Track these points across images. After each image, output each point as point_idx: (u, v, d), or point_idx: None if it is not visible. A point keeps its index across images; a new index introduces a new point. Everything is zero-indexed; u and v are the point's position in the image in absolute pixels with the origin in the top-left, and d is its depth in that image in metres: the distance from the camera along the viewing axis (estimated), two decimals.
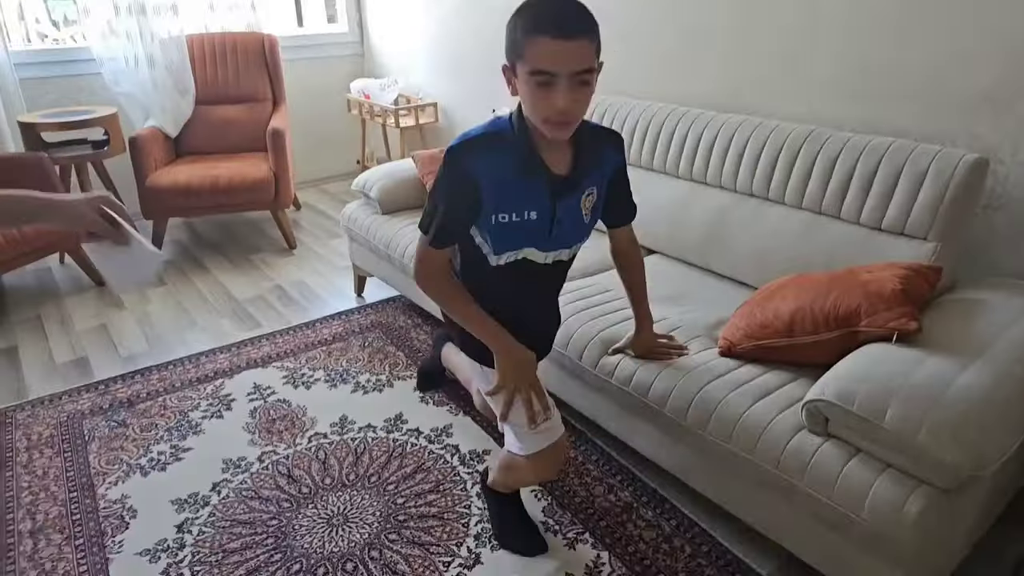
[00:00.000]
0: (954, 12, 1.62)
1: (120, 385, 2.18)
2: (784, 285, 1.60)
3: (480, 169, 1.16)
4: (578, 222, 1.27)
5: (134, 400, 2.11)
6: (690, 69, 2.25)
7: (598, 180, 1.28)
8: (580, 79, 1.06)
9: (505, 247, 1.25)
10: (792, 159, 1.80)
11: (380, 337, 2.45)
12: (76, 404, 2.09)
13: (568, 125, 1.12)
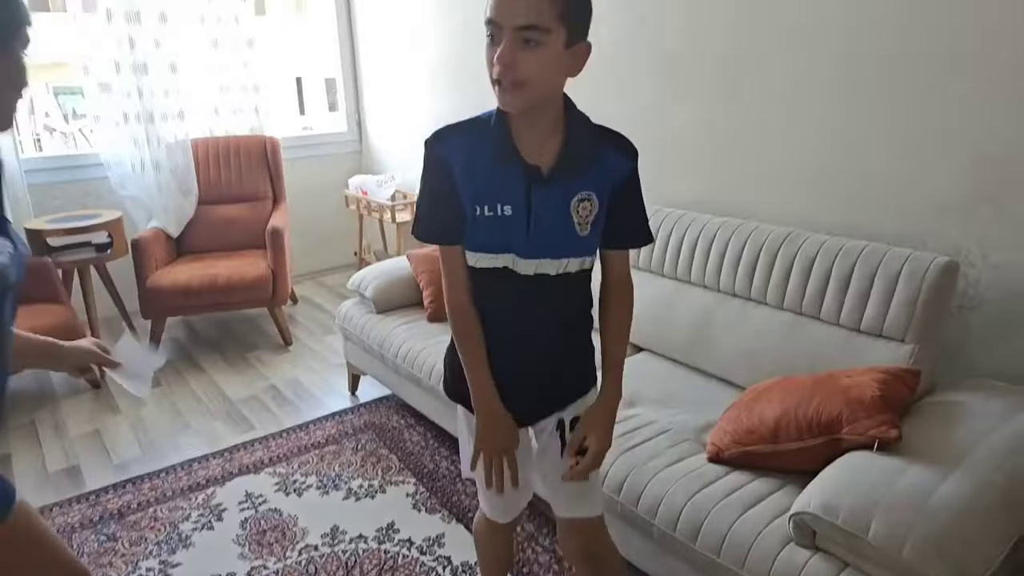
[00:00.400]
0: (918, 120, 1.74)
1: (111, 495, 2.19)
2: (769, 388, 1.64)
3: (453, 154, 1.10)
4: (567, 230, 1.11)
5: (124, 511, 2.11)
6: (670, 169, 2.38)
7: (597, 186, 1.11)
8: (525, 36, 0.97)
9: (480, 244, 1.12)
10: (771, 260, 1.89)
11: (373, 439, 2.47)
12: (67, 517, 2.09)
13: (514, 90, 1.00)
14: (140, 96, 3.41)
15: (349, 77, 4.30)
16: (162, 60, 3.44)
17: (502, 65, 0.98)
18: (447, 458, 2.33)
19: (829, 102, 1.91)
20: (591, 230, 1.12)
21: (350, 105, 4.35)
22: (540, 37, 0.97)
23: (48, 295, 2.82)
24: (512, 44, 0.97)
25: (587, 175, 1.10)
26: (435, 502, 2.09)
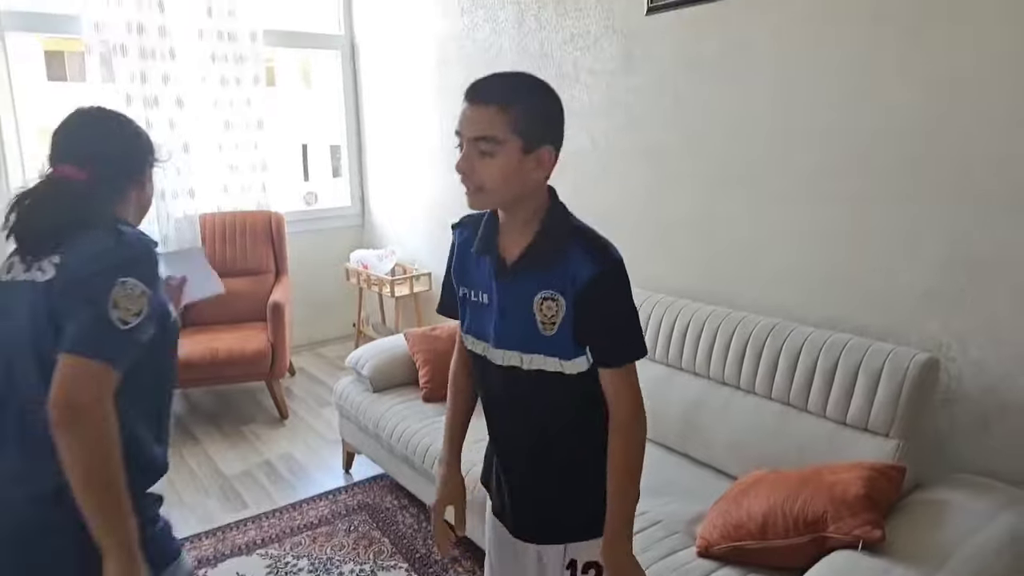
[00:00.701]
0: (897, 219, 1.83)
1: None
2: (758, 481, 1.66)
3: (458, 238, 1.24)
4: (530, 326, 1.11)
5: None
6: (665, 256, 2.46)
7: (561, 286, 1.10)
8: (480, 146, 1.05)
9: (467, 326, 1.21)
10: (759, 351, 1.93)
11: (366, 521, 2.46)
12: None
13: (476, 193, 1.09)
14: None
15: (354, 152, 4.49)
16: (176, 141, 3.62)
17: (460, 172, 1.09)
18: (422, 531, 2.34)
19: (814, 200, 2.00)
20: (558, 331, 1.10)
21: (353, 179, 4.52)
22: (493, 148, 1.05)
23: None
24: (470, 153, 1.07)
25: (551, 274, 1.10)
26: None
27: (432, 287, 3.88)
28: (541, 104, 1.10)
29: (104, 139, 1.18)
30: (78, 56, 11.05)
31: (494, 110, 1.05)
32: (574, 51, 2.70)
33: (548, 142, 1.09)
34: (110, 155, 1.17)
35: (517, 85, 1.09)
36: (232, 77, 3.76)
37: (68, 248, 1.08)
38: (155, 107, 3.56)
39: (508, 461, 1.25)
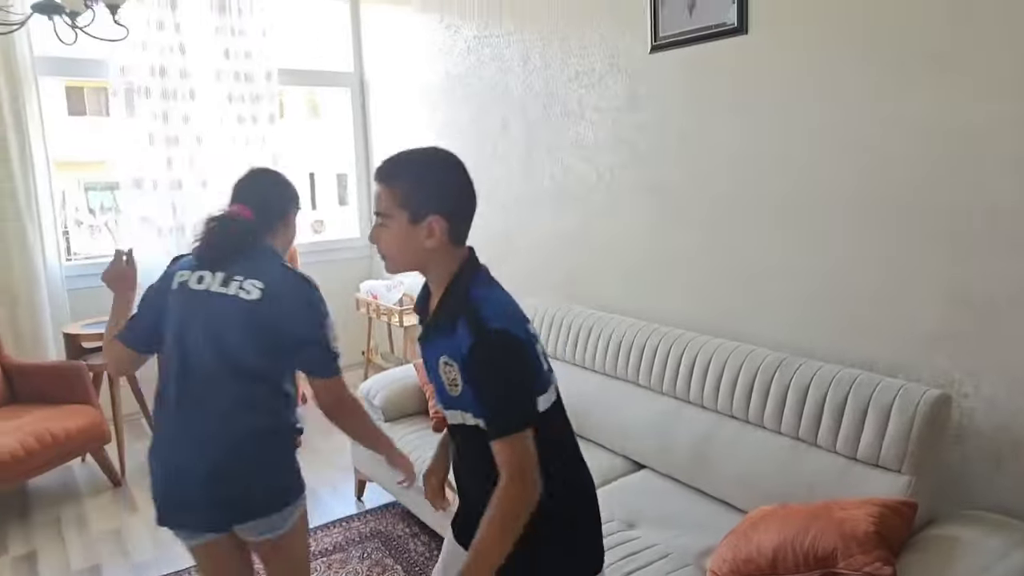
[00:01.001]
0: (906, 255, 1.82)
1: None
2: (767, 516, 1.65)
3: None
4: (442, 385, 1.18)
5: None
6: (670, 288, 2.49)
7: (452, 351, 1.14)
8: (379, 220, 1.20)
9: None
10: (767, 385, 1.93)
11: (379, 548, 2.51)
12: None
13: (384, 261, 1.23)
14: (174, 211, 3.74)
15: (363, 185, 4.64)
16: (196, 177, 3.78)
17: (371, 241, 1.24)
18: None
19: (820, 236, 2.01)
20: (462, 392, 1.15)
21: (363, 210, 4.71)
22: (386, 220, 1.19)
23: (80, 397, 3.00)
24: (376, 225, 1.22)
25: (449, 340, 1.15)
26: None
27: None
28: (427, 179, 1.19)
29: (265, 189, 1.62)
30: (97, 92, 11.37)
31: (384, 188, 1.19)
32: (579, 88, 2.76)
33: (435, 212, 1.17)
34: (268, 201, 1.60)
35: (405, 163, 1.20)
36: (248, 115, 3.90)
37: (257, 273, 1.48)
38: (176, 146, 3.71)
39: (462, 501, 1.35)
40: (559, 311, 2.75)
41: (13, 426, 2.78)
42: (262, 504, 1.47)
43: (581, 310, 2.68)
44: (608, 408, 2.39)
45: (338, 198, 13.28)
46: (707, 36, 2.22)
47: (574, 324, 2.64)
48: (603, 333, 2.50)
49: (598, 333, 2.52)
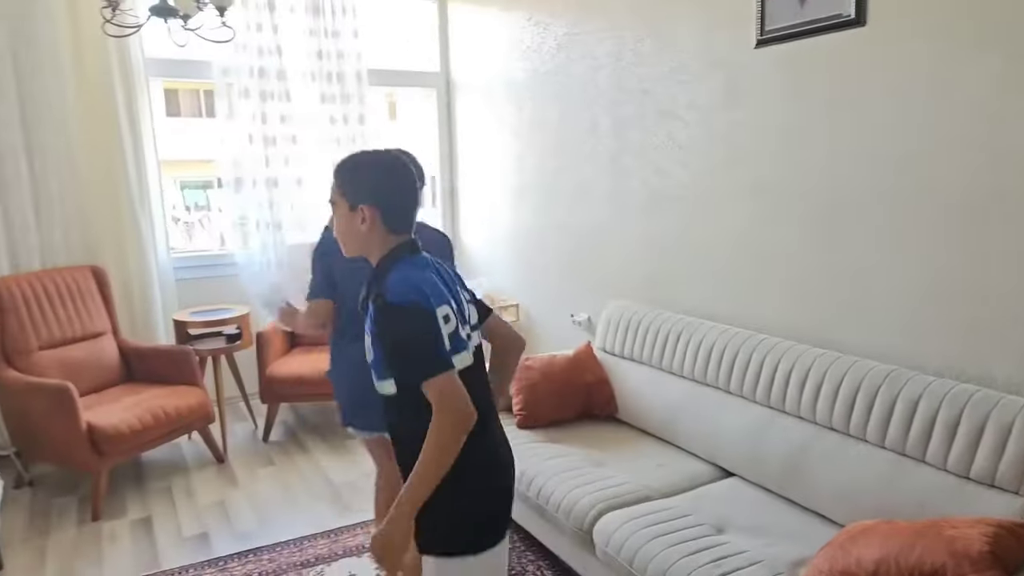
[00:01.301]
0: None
1: (236, 563, 2.48)
2: (869, 529, 1.62)
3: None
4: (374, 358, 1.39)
5: None
6: (766, 294, 2.46)
7: (370, 325, 1.37)
8: (332, 206, 1.43)
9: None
10: (872, 398, 1.89)
11: None
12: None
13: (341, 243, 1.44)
14: (271, 207, 3.99)
15: (447, 185, 4.85)
16: (291, 176, 4.04)
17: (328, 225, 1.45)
18: (533, 562, 2.47)
19: (934, 243, 1.93)
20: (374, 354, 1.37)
21: (446, 211, 4.89)
22: (334, 207, 1.42)
23: (187, 379, 3.29)
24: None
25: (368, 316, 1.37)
26: None
27: (519, 318, 4.17)
28: (363, 174, 1.40)
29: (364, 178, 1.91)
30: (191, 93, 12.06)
31: (334, 179, 1.43)
32: (674, 86, 2.75)
33: (367, 202, 1.37)
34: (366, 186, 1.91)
35: (352, 161, 1.43)
36: (340, 115, 4.08)
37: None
38: (273, 145, 3.96)
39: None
40: (645, 315, 2.78)
41: (132, 402, 3.07)
42: None
43: (669, 315, 2.71)
44: (696, 415, 2.42)
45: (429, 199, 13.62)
46: (820, 29, 2.16)
47: (661, 329, 2.67)
48: (692, 339, 2.53)
49: (687, 338, 2.55)
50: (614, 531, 1.97)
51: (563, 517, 2.16)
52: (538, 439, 2.57)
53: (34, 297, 3.18)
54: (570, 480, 2.25)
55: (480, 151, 4.40)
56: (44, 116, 3.33)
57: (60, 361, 3.16)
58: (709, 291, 2.74)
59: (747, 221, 2.54)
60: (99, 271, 3.46)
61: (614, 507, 2.09)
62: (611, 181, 3.22)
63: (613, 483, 2.21)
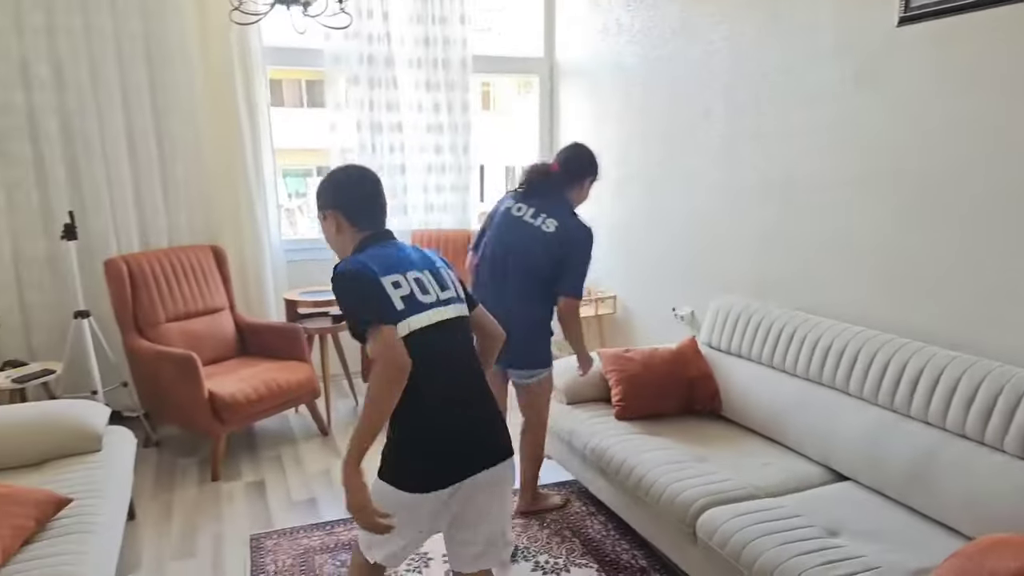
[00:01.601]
0: None
1: (342, 529, 2.64)
2: (1004, 542, 1.54)
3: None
4: None
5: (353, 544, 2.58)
6: (892, 295, 2.36)
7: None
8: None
9: None
10: (1013, 406, 1.81)
11: (557, 520, 2.69)
12: (309, 540, 2.56)
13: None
14: None
15: None
16: (396, 162, 4.20)
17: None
18: (628, 551, 2.48)
19: None
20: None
21: None
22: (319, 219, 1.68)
23: (296, 355, 3.50)
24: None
25: None
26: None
27: (616, 310, 4.16)
28: (322, 187, 1.67)
29: (575, 155, 2.48)
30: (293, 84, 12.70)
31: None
32: (797, 69, 2.67)
33: (331, 208, 1.64)
34: (573, 164, 2.47)
35: (323, 179, 1.69)
36: (444, 103, 4.21)
37: (554, 214, 2.39)
38: (379, 132, 4.14)
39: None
40: (756, 311, 2.74)
41: (248, 374, 3.30)
42: (524, 362, 2.45)
43: (782, 311, 2.65)
44: (808, 415, 2.37)
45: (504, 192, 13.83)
46: (978, 3, 2.00)
47: (774, 325, 2.62)
48: (808, 336, 2.47)
49: (801, 336, 2.50)
50: (720, 525, 1.97)
51: (664, 508, 2.17)
52: (637, 431, 2.58)
53: (162, 273, 3.46)
54: (672, 472, 2.25)
55: (582, 137, 4.39)
56: (172, 106, 3.62)
57: (184, 333, 3.43)
58: (829, 287, 2.65)
59: (874, 217, 2.44)
60: (219, 251, 3.73)
61: (719, 502, 2.10)
62: (722, 170, 3.17)
63: (717, 478, 2.21)
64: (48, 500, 1.97)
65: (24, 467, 2.31)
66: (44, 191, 3.48)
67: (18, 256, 3.49)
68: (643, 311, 3.92)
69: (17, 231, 3.46)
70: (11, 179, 3.41)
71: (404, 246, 1.64)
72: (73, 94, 3.41)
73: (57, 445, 2.37)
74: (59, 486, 2.12)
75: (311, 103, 12.32)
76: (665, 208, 3.62)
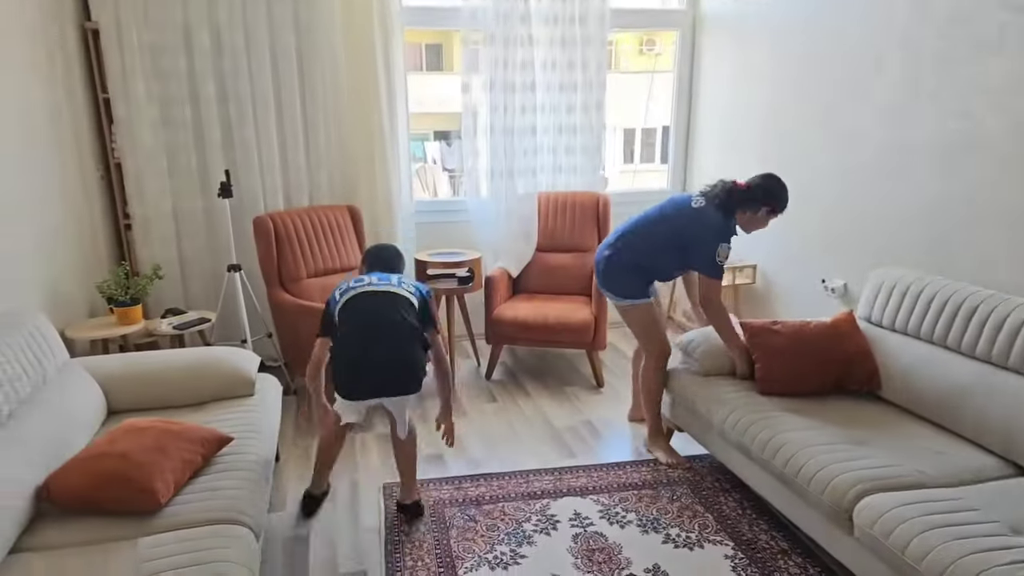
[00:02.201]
0: None
1: (469, 484, 2.74)
2: None
3: None
4: None
5: (480, 500, 2.62)
6: None
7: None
8: None
9: None
10: None
11: (688, 494, 2.65)
12: (439, 492, 2.69)
13: None
14: (505, 155, 4.18)
15: (681, 134, 4.70)
16: (527, 123, 4.19)
17: None
18: (766, 531, 2.41)
19: None
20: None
21: (676, 165, 4.76)
22: None
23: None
24: None
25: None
26: (756, 571, 2.19)
27: (755, 280, 3.95)
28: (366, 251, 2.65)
29: (766, 183, 2.65)
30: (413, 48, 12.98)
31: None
32: (992, 15, 2.41)
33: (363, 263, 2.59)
34: (759, 190, 2.64)
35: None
36: (579, 61, 4.14)
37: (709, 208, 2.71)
38: (512, 92, 4.12)
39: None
40: (928, 285, 2.52)
41: None
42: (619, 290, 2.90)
43: (960, 286, 2.42)
44: (990, 401, 2.17)
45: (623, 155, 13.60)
46: None
47: (950, 301, 2.41)
48: (993, 314, 2.25)
49: (984, 314, 2.28)
50: (883, 514, 1.84)
51: (815, 491, 2.04)
52: (783, 408, 2.47)
53: (303, 231, 3.68)
54: (826, 455, 2.12)
55: (724, 96, 4.21)
56: (316, 68, 3.80)
57: (323, 288, 3.65)
58: (1018, 262, 2.40)
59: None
60: (355, 210, 3.91)
61: (880, 489, 1.97)
62: (892, 129, 2.93)
63: (877, 463, 2.07)
64: (213, 438, 2.16)
65: (187, 406, 2.57)
66: (202, 153, 3.79)
67: (178, 214, 3.83)
68: (786, 282, 3.71)
69: (178, 191, 3.80)
70: (174, 143, 3.74)
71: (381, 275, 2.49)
72: (228, 59, 3.66)
73: (216, 388, 2.61)
74: (219, 426, 2.33)
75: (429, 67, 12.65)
76: (818, 171, 3.38)
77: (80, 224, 3.40)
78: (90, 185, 3.54)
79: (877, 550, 1.84)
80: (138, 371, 2.58)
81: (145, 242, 3.76)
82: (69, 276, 3.24)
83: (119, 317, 3.22)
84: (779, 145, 3.66)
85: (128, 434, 2.03)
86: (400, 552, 2.35)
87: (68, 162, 3.31)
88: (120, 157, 3.66)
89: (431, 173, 10.88)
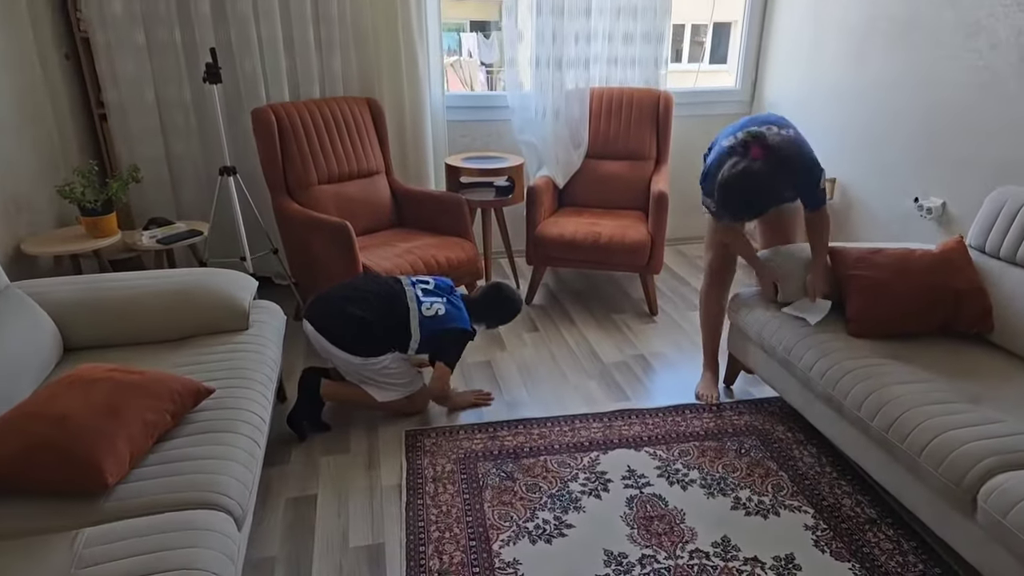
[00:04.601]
0: None
1: (506, 432, 2.54)
2: None
3: None
4: None
5: (519, 453, 2.42)
6: None
7: None
8: None
9: None
10: None
11: (758, 447, 2.45)
12: (471, 443, 2.49)
13: None
14: (553, 41, 3.73)
15: (755, 30, 4.19)
16: (578, 5, 3.72)
17: None
18: (850, 495, 2.21)
19: None
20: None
21: (747, 63, 4.26)
22: None
23: (459, 230, 3.32)
24: None
25: None
26: (841, 547, 1.99)
27: (833, 196, 3.57)
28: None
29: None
30: None
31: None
32: None
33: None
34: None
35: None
36: None
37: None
38: None
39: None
40: None
41: (404, 248, 3.18)
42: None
43: None
44: None
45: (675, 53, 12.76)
46: None
47: None
48: None
49: None
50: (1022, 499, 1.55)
51: (928, 464, 1.79)
52: (879, 354, 2.20)
53: (313, 126, 3.32)
54: (941, 418, 1.86)
55: None
56: None
57: (337, 197, 3.34)
58: None
59: None
60: (375, 104, 3.54)
61: (1015, 465, 1.68)
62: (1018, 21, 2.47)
63: (1006, 430, 1.80)
64: (187, 391, 1.79)
65: (164, 342, 2.23)
66: (187, 27, 3.32)
67: (161, 101, 3.38)
68: (870, 199, 3.37)
69: (159, 73, 3.34)
70: (150, 11, 3.24)
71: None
72: None
73: (200, 322, 2.27)
74: (200, 369, 2.04)
75: None
76: (924, 69, 2.98)
77: (41, 115, 3.01)
78: (52, 68, 3.13)
79: (1008, 542, 1.59)
80: (101, 297, 2.21)
81: (124, 137, 3.36)
82: (27, 179, 2.88)
83: (88, 228, 2.84)
84: (877, 38, 3.21)
85: (72, 388, 1.64)
86: (424, 520, 2.14)
87: (19, 39, 2.90)
88: (87, 30, 3.20)
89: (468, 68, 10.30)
